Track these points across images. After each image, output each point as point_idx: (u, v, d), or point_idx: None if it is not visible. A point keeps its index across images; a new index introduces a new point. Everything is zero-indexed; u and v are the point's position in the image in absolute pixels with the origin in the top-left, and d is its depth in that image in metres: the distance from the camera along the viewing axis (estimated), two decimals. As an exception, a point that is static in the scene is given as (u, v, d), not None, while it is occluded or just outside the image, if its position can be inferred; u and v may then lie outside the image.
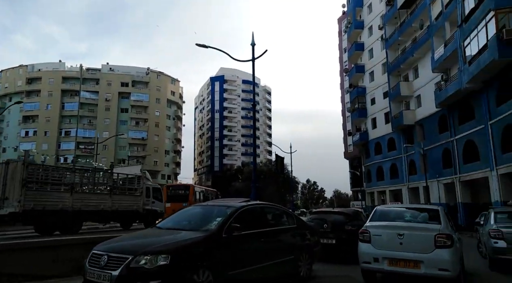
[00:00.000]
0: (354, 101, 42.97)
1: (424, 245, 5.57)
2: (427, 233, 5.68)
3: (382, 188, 38.52)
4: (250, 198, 8.44)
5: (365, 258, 6.07)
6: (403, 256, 5.65)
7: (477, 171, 23.32)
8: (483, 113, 22.05)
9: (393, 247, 5.76)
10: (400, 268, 5.67)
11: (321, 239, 8.58)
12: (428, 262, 5.47)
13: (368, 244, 6.05)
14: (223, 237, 4.74)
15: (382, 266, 5.81)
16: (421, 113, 31.13)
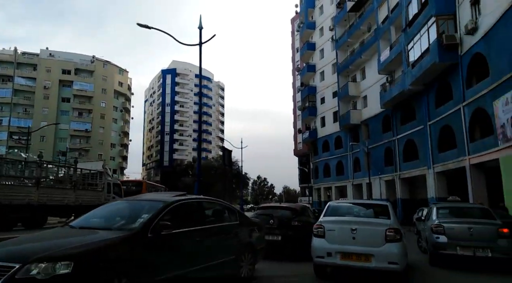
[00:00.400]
0: (305, 100, 43.68)
1: (375, 240, 5.73)
2: (378, 228, 5.85)
3: (329, 184, 39.65)
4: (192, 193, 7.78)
5: (318, 253, 6.10)
6: (355, 250, 5.77)
7: (415, 169, 24.67)
8: (423, 114, 23.32)
9: (346, 242, 5.87)
10: (352, 262, 5.78)
11: (266, 236, 8.20)
12: (378, 255, 5.63)
13: (322, 239, 6.11)
14: (149, 237, 4.04)
15: (335, 260, 5.88)
16: (367, 113, 32.37)
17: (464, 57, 18.27)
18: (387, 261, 5.60)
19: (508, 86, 14.53)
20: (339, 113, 36.09)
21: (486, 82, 16.38)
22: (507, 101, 14.65)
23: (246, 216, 6.44)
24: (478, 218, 7.97)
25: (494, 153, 16.02)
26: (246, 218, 6.35)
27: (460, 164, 19.05)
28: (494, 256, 7.30)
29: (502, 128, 15.20)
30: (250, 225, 6.36)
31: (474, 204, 10.31)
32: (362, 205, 7.53)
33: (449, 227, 7.73)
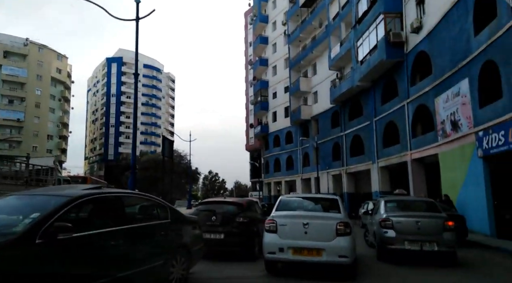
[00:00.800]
0: (257, 94, 43.26)
1: (327, 234, 5.76)
2: (329, 222, 5.89)
3: (279, 179, 39.71)
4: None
5: (270, 248, 5.96)
6: (307, 245, 5.75)
7: (361, 164, 25.28)
8: (370, 110, 23.89)
9: (298, 236, 5.82)
10: (303, 256, 5.75)
11: (207, 234, 7.38)
12: (329, 249, 5.66)
13: (274, 234, 5.98)
14: (37, 243, 3.03)
15: (287, 255, 5.80)
16: (317, 108, 32.70)
17: (409, 55, 18.82)
18: (337, 255, 5.64)
19: (448, 84, 15.08)
20: (290, 109, 36.14)
21: (429, 79, 16.95)
22: (448, 98, 15.21)
23: (180, 213, 5.55)
24: (424, 212, 7.86)
25: (433, 149, 16.66)
26: (179, 215, 5.46)
27: (402, 159, 19.69)
28: (439, 249, 7.19)
29: (442, 125, 15.79)
30: (184, 223, 5.49)
31: (421, 198, 10.34)
32: (313, 199, 7.44)
33: (397, 221, 7.50)
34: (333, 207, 6.57)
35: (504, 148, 11.53)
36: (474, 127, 13.28)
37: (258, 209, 9.35)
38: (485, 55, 12.38)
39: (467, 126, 13.78)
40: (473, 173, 13.46)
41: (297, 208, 6.72)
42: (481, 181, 12.93)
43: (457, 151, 14.70)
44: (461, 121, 14.19)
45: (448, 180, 15.51)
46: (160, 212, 5.09)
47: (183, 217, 5.59)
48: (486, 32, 12.31)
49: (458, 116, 14.44)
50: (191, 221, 5.74)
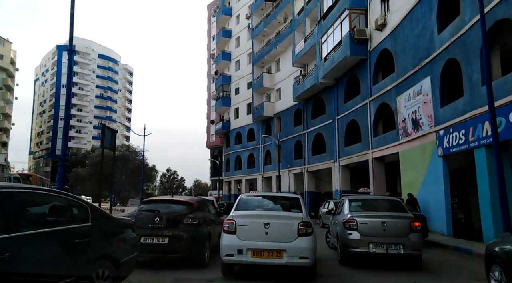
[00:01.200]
0: (219, 89, 42.03)
1: (288, 234, 5.53)
2: (291, 222, 5.66)
3: (239, 177, 38.85)
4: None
5: (228, 251, 5.58)
6: (267, 246, 5.48)
7: (322, 162, 25.06)
8: (333, 108, 23.68)
9: (258, 237, 5.55)
10: (263, 258, 5.47)
11: (149, 239, 6.30)
12: (290, 250, 5.44)
13: (233, 235, 5.62)
14: None
15: (245, 258, 5.50)
16: (280, 106, 32.19)
17: (373, 52, 18.69)
18: (298, 256, 5.44)
19: (411, 82, 14.99)
20: (253, 105, 35.36)
21: (391, 77, 16.85)
22: (409, 97, 15.12)
23: (106, 214, 4.44)
24: (390, 212, 7.31)
25: (394, 148, 16.58)
26: (105, 217, 4.35)
27: (364, 158, 19.58)
28: (406, 253, 6.65)
29: (403, 123, 15.71)
30: (111, 227, 4.38)
31: (386, 197, 9.90)
32: (274, 198, 7.17)
33: (362, 222, 6.87)
34: (294, 206, 6.32)
35: (464, 147, 11.47)
36: (435, 126, 13.21)
37: (212, 209, 8.36)
38: (447, 53, 12.28)
39: (428, 125, 13.71)
40: (433, 172, 13.40)
41: (257, 207, 6.43)
42: (440, 180, 12.88)
43: (417, 150, 14.65)
44: (422, 119, 14.12)
45: (408, 179, 15.47)
46: (78, 213, 3.96)
47: (111, 219, 4.48)
48: (449, 29, 12.21)
49: (419, 115, 14.36)
50: (123, 224, 4.64)
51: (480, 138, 10.65)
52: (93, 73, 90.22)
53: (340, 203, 8.48)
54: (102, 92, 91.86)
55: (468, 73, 11.19)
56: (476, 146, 10.93)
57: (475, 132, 10.90)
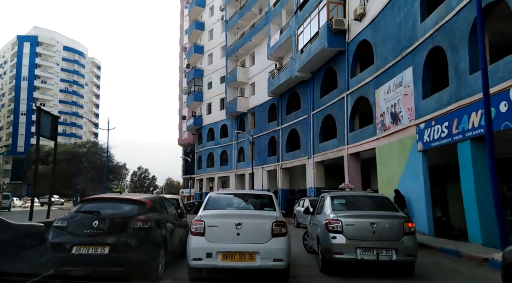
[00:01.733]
0: (190, 83, 40.33)
1: (262, 234, 5.14)
2: (265, 221, 5.26)
3: (212, 175, 37.43)
4: None
5: (196, 254, 5.09)
6: (239, 248, 5.05)
7: (297, 159, 24.19)
8: (308, 103, 22.83)
9: (229, 239, 5.10)
10: (234, 262, 5.03)
11: (83, 248, 4.96)
12: (263, 252, 5.03)
13: (201, 237, 5.14)
14: None
15: (215, 262, 5.02)
16: (254, 101, 31.08)
17: (351, 44, 17.93)
18: (272, 259, 5.03)
19: (391, 74, 14.29)
20: (226, 100, 34.05)
21: (370, 70, 16.13)
22: (389, 89, 14.42)
23: None
24: (379, 210, 6.34)
25: (371, 143, 15.88)
26: None
27: (339, 154, 18.83)
28: (398, 259, 5.68)
29: (381, 117, 15.01)
30: (9, 236, 3.05)
31: (372, 193, 8.97)
32: (246, 196, 6.71)
33: (348, 223, 5.83)
34: (267, 204, 5.89)
35: (447, 140, 10.80)
36: (416, 119, 12.53)
37: (172, 210, 7.07)
38: (432, 41, 11.59)
39: (408, 118, 13.03)
40: (412, 168, 12.73)
41: (228, 206, 6.03)
42: (420, 177, 12.21)
43: (395, 145, 13.96)
44: (402, 113, 13.43)
45: (385, 176, 14.76)
46: None
47: (8, 227, 3.13)
48: (434, 16, 11.52)
49: (399, 108, 13.67)
50: (28, 233, 3.30)
51: (466, 131, 9.98)
52: (57, 66, 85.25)
53: (319, 201, 7.44)
54: (67, 86, 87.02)
55: (454, 62, 10.51)
56: (460, 139, 10.26)
57: (460, 124, 10.23)
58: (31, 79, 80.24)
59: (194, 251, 5.09)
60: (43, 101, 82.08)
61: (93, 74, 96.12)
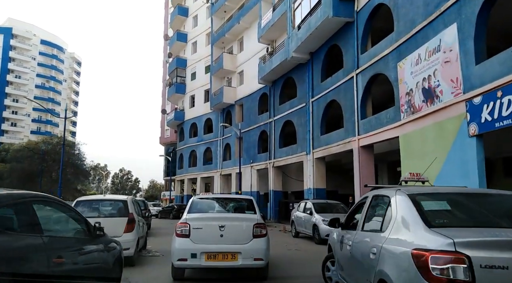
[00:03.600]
0: (172, 74, 36.53)
1: (243, 236, 5.49)
2: (246, 223, 5.61)
3: (194, 175, 33.63)
4: None
5: (181, 255, 5.37)
6: (222, 249, 5.37)
7: (292, 155, 20.78)
8: (306, 89, 19.48)
9: (213, 240, 5.41)
10: (217, 261, 5.36)
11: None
12: (245, 252, 5.39)
13: (187, 239, 5.41)
14: None
15: (199, 262, 5.33)
16: (242, 91, 27.59)
17: (362, 12, 14.65)
18: (253, 258, 5.41)
19: (421, 40, 11.02)
20: (211, 91, 30.43)
21: (389, 40, 12.85)
22: (418, 59, 11.12)
23: None
24: None
25: (392, 130, 12.58)
26: None
27: (347, 147, 15.49)
28: None
29: (408, 96, 11.70)
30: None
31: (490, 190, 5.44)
32: (227, 200, 7.15)
33: (482, 260, 2.33)
34: (248, 207, 6.26)
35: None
36: (465, 92, 9.25)
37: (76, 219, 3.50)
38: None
39: (452, 93, 9.74)
40: (458, 161, 9.43)
41: (211, 209, 6.40)
42: (472, 171, 8.92)
43: (430, 130, 10.67)
44: (441, 87, 10.14)
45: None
46: None
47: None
48: None
49: (435, 81, 10.37)
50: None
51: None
52: (33, 60, 79.98)
53: (368, 204, 3.90)
54: (44, 82, 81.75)
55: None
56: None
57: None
58: (3, 73, 74.79)
59: (180, 252, 5.38)
60: (16, 97, 76.67)
61: (73, 70, 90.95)
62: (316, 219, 11.24)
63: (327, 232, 10.15)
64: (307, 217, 12.00)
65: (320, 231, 10.94)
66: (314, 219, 11.42)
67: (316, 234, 11.30)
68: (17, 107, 76.46)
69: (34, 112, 78.46)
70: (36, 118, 78.41)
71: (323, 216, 11.08)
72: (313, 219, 11.52)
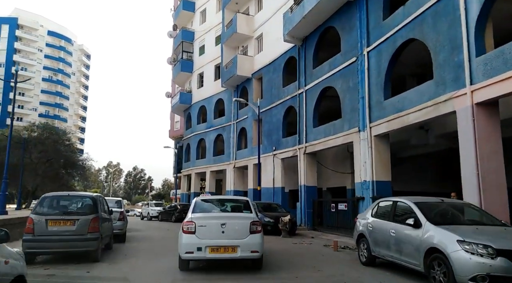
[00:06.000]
0: (177, 50, 30.82)
1: (242, 232, 6.26)
2: (244, 221, 6.41)
3: (203, 169, 27.76)
4: None
5: (188, 249, 6.16)
6: (224, 243, 6.16)
7: (334, 136, 14.63)
8: (357, 38, 13.38)
9: (216, 236, 6.18)
10: (220, 254, 6.16)
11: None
12: (243, 246, 6.18)
13: (192, 235, 6.20)
14: None
15: (204, 254, 6.11)
16: (261, 60, 21.58)
17: None
18: (250, 251, 6.20)
19: None
20: (222, 64, 24.54)
21: None
22: None
23: None
24: None
25: None
26: None
27: (441, 109, 9.29)
28: None
29: None
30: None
31: None
32: (226, 201, 8.05)
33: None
34: (245, 207, 7.16)
35: None
36: None
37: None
38: None
39: None
40: None
41: (213, 209, 7.16)
42: None
43: None
44: None
45: None
46: None
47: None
48: None
49: None
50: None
51: None
52: (40, 52, 76.32)
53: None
54: (51, 75, 78.03)
55: None
56: None
57: None
58: (8, 66, 71.28)
59: (187, 246, 6.16)
60: (22, 90, 73.13)
61: (82, 63, 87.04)
62: (440, 239, 5.09)
63: (474, 272, 4.51)
64: (407, 231, 5.83)
65: (456, 267, 4.78)
66: (430, 236, 5.28)
67: (438, 272, 5.14)
68: (23, 101, 72.81)
69: (41, 106, 74.81)
70: (43, 112, 74.63)
71: (456, 232, 4.95)
72: (426, 236, 5.38)
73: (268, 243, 7.97)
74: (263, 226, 7.06)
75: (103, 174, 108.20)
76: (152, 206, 29.20)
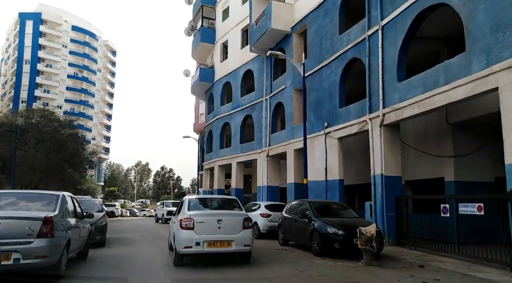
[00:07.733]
0: (197, 16, 25.44)
1: (236, 227, 7.05)
2: (238, 218, 7.23)
3: (228, 160, 22.09)
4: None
5: (187, 243, 6.79)
6: (220, 238, 6.90)
7: (444, 86, 8.44)
8: None
9: (213, 231, 6.90)
10: (216, 248, 6.88)
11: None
12: (237, 240, 6.98)
13: (191, 231, 6.82)
14: None
15: (202, 248, 6.75)
16: (306, 5, 15.64)
17: None
18: (243, 245, 7.01)
19: None
20: (251, 22, 18.81)
21: None
22: None
23: None
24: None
25: None
26: None
27: None
28: None
29: None
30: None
31: None
32: (217, 200, 9.08)
33: None
34: (235, 206, 7.95)
35: None
36: None
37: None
38: None
39: None
40: None
41: (207, 207, 8.01)
42: None
43: None
44: None
45: None
46: None
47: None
48: None
49: None
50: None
51: None
52: (64, 48, 74.45)
53: None
54: (77, 72, 76.05)
55: None
56: None
57: None
58: (33, 62, 69.76)
59: (186, 241, 6.81)
60: (47, 88, 71.46)
61: (107, 59, 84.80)
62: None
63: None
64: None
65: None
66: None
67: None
68: (48, 98, 70.99)
69: (66, 104, 72.86)
70: (68, 110, 72.67)
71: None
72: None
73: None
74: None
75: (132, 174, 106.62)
76: (168, 206, 24.11)
